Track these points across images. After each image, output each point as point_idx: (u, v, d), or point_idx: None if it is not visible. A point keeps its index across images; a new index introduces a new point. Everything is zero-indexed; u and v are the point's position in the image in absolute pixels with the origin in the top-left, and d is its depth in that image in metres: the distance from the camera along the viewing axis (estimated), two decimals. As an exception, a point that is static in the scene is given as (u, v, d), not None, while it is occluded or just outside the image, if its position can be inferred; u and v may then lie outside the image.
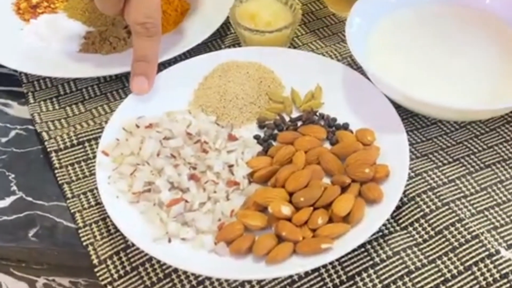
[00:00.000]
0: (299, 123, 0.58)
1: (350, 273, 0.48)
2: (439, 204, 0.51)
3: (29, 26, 0.72)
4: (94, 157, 0.57)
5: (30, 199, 0.55)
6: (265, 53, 0.64)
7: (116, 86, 0.65)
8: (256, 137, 0.57)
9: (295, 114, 0.60)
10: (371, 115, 0.57)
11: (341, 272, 0.48)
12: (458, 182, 0.53)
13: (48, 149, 0.57)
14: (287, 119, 0.59)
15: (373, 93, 0.58)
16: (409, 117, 0.59)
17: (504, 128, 0.58)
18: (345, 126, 0.57)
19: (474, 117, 0.57)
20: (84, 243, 0.51)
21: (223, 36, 0.71)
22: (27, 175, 0.57)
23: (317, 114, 0.59)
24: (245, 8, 0.67)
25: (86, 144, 0.58)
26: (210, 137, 0.55)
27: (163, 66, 0.63)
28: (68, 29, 0.71)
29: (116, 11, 0.59)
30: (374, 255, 0.49)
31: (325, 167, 0.53)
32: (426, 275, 0.48)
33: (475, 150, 0.56)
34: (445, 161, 0.55)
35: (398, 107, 0.56)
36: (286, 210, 0.49)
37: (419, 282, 0.47)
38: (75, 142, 0.58)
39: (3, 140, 0.60)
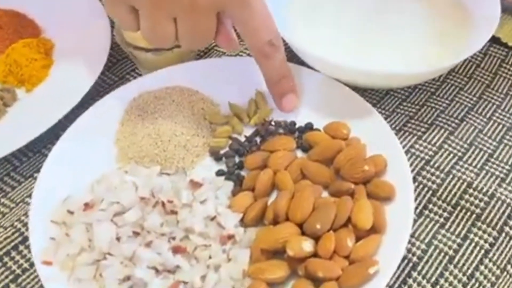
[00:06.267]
0: (258, 140, 0.50)
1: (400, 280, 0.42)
2: (442, 176, 0.47)
3: None
4: (25, 271, 0.43)
5: None
6: (179, 73, 0.53)
7: (5, 170, 0.50)
8: (220, 173, 0.47)
9: (246, 131, 0.51)
10: (329, 105, 0.51)
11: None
12: (446, 146, 0.50)
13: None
14: (241, 139, 0.50)
15: (318, 80, 0.52)
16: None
17: (452, 76, 0.56)
18: (309, 126, 0.50)
19: (424, 78, 0.53)
20: None
21: (111, 66, 0.58)
22: None
23: (272, 123, 0.50)
24: (134, 27, 0.55)
25: (6, 258, 0.43)
26: (168, 193, 0.44)
27: (60, 124, 0.49)
28: None
29: (207, 44, 0.48)
30: (414, 249, 0.43)
31: (314, 179, 0.45)
32: (466, 255, 0.43)
33: (442, 108, 0.53)
34: (423, 129, 0.51)
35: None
36: (308, 245, 0.40)
37: (461, 265, 0.43)
38: (-11, 263, 0.42)
39: None
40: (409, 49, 0.53)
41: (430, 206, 0.46)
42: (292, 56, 0.53)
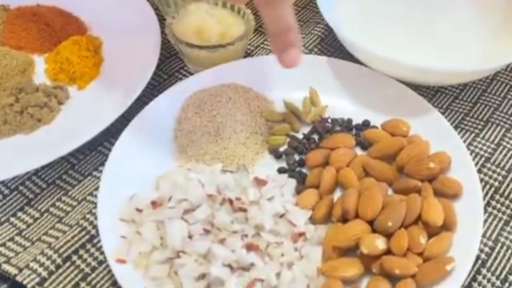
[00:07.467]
0: (315, 137, 0.50)
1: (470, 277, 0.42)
2: (504, 173, 0.47)
3: None
4: (94, 269, 0.42)
5: None
6: (231, 70, 0.53)
7: (63, 169, 0.49)
8: (282, 170, 0.47)
9: (302, 129, 0.51)
10: (384, 102, 0.51)
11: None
12: (504, 143, 0.50)
13: (28, 284, 0.40)
14: (299, 137, 0.50)
15: (371, 77, 0.52)
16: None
17: (501, 74, 0.56)
18: (367, 124, 0.50)
19: (480, 76, 0.53)
20: None
21: (159, 64, 0.58)
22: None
23: (329, 120, 0.50)
24: (186, 23, 0.55)
25: (74, 257, 0.43)
26: (233, 190, 0.44)
27: (118, 124, 0.49)
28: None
29: None
30: (481, 246, 0.43)
31: (378, 177, 0.45)
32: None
33: (495, 105, 0.53)
34: (479, 126, 0.51)
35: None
36: (381, 243, 0.40)
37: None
38: (59, 261, 0.42)
39: None
40: (462, 46, 0.53)
41: (493, 203, 0.46)
42: (343, 53, 0.53)
